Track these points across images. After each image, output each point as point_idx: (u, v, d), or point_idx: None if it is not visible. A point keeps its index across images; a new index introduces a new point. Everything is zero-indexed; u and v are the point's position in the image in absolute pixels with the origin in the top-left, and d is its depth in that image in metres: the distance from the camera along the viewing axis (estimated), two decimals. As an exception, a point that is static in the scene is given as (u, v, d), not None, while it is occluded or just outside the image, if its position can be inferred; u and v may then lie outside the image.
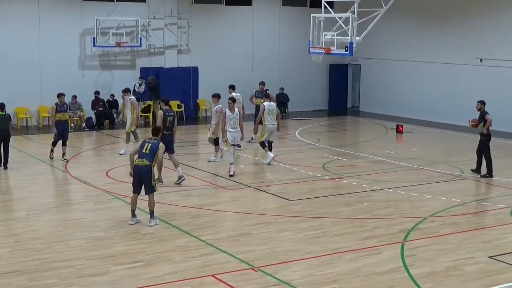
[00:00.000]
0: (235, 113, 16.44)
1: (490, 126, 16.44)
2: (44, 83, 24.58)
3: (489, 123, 16.36)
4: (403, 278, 9.71)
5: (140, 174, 12.00)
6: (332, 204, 13.94)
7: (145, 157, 12.01)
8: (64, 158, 17.96)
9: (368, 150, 20.52)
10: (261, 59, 29.14)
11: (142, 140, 12.54)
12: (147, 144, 12.17)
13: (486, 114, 16.37)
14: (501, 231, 12.15)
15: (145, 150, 12.07)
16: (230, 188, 15.21)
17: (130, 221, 12.21)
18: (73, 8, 25.31)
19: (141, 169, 11.96)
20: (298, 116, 27.89)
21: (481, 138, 16.66)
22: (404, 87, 28.34)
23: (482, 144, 16.63)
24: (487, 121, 16.33)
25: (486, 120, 16.34)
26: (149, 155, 12.03)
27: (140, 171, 11.99)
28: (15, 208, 13.68)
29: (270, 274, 9.72)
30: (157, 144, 12.21)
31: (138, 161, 12.03)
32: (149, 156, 12.02)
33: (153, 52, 27.19)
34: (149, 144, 12.16)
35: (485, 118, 16.35)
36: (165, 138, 14.80)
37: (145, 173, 11.96)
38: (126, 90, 19.42)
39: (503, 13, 24.18)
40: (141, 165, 11.96)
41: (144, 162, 11.96)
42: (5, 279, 9.45)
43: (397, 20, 27.40)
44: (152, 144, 12.17)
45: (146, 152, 12.05)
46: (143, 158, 12.00)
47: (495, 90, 23.68)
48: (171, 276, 9.61)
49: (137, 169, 12.02)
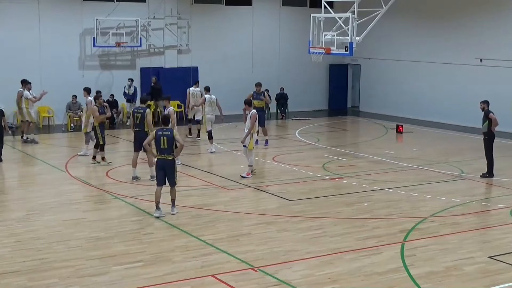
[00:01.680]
0: (250, 114, 16.30)
1: (497, 124, 16.33)
2: (44, 83, 24.52)
3: (495, 122, 16.28)
4: (403, 278, 9.71)
5: (164, 168, 12.58)
6: (332, 204, 13.94)
7: (165, 152, 12.55)
8: (106, 162, 17.69)
9: (368, 150, 20.52)
10: (261, 59, 29.15)
11: (155, 131, 12.79)
12: (162, 138, 12.53)
13: (490, 113, 16.29)
14: (501, 231, 12.15)
15: (163, 145, 12.53)
16: (230, 188, 15.21)
17: (154, 213, 12.63)
18: (73, 8, 25.32)
19: (165, 163, 12.57)
20: (298, 116, 27.90)
21: (485, 138, 16.64)
22: (404, 87, 28.34)
23: (486, 143, 16.60)
24: (492, 120, 16.27)
25: (491, 119, 16.28)
26: (168, 149, 12.56)
27: (163, 165, 12.59)
28: (15, 208, 13.67)
29: (270, 274, 9.72)
30: (171, 134, 12.59)
31: (160, 156, 12.59)
32: (169, 150, 12.56)
33: (153, 52, 27.20)
34: (164, 137, 12.53)
35: (489, 117, 16.28)
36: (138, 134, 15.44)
37: (168, 167, 12.59)
38: (85, 89, 19.29)
39: (503, 13, 24.18)
40: (164, 159, 12.56)
41: (166, 157, 12.55)
42: (5, 279, 9.45)
43: (397, 20, 27.41)
44: (167, 136, 12.54)
45: (165, 147, 12.53)
46: (164, 154, 12.57)
47: (495, 90, 23.67)
48: (171, 276, 9.61)
49: (161, 163, 12.62)
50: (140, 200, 13.97)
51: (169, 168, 12.60)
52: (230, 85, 28.13)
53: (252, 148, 16.21)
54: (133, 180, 15.65)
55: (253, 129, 16.18)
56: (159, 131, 12.70)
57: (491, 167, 16.61)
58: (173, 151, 12.67)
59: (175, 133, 12.74)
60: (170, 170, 12.62)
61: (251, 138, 16.06)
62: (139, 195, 14.37)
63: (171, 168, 12.64)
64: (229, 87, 28.18)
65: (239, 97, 28.21)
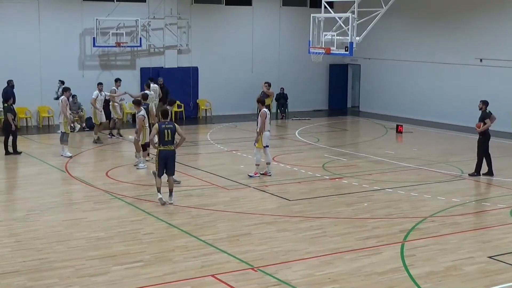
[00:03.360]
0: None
1: (487, 128, 16.43)
2: (44, 83, 24.58)
3: (487, 127, 16.36)
4: (403, 278, 9.71)
5: (166, 158, 13.38)
6: (332, 204, 13.94)
7: (168, 144, 13.36)
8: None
9: (368, 150, 20.52)
10: (261, 59, 29.15)
11: (158, 124, 13.47)
12: (165, 131, 13.29)
13: (488, 118, 16.31)
14: (501, 231, 12.15)
15: (167, 137, 13.30)
16: (230, 188, 15.21)
17: (159, 195, 13.46)
18: (73, 8, 25.31)
19: (167, 153, 13.39)
20: (298, 116, 27.89)
21: (480, 137, 16.67)
22: (404, 87, 28.35)
23: (480, 143, 16.63)
24: (486, 124, 16.34)
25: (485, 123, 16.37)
26: (171, 141, 13.41)
27: (166, 156, 13.37)
28: (15, 208, 13.68)
29: (270, 274, 9.72)
30: (173, 128, 13.39)
31: (162, 148, 13.34)
32: (171, 142, 13.42)
33: (153, 52, 27.20)
34: (168, 130, 13.31)
35: (485, 122, 16.35)
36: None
37: (170, 157, 13.44)
38: (65, 88, 19.58)
39: (503, 13, 24.18)
40: (167, 150, 13.36)
41: (169, 148, 13.38)
42: (5, 279, 9.45)
43: (397, 20, 27.41)
44: (170, 129, 13.34)
45: (169, 139, 13.34)
46: (167, 145, 13.35)
47: (495, 90, 23.67)
48: (171, 276, 9.61)
49: (163, 154, 13.37)
50: (140, 200, 13.97)
51: (170, 158, 13.44)
52: (230, 85, 28.17)
53: (261, 146, 16.15)
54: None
55: (263, 127, 16.03)
56: (162, 124, 13.42)
57: (480, 167, 16.68)
58: (175, 142, 13.57)
59: (177, 127, 13.54)
60: (171, 160, 13.48)
61: (261, 136, 16.00)
62: (139, 195, 14.37)
63: (173, 159, 13.50)
64: (229, 87, 28.22)
65: (239, 97, 28.47)
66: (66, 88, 19.54)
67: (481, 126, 16.45)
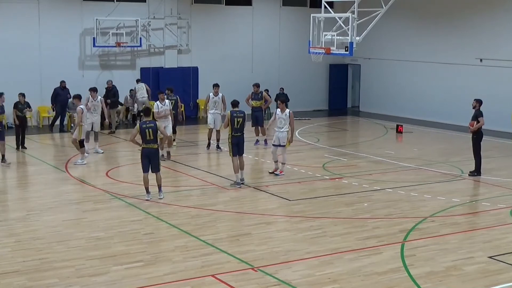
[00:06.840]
0: (284, 113, 16.32)
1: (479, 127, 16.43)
2: (44, 83, 24.58)
3: (480, 125, 16.35)
4: (403, 278, 9.71)
5: (149, 156, 13.65)
6: (332, 204, 13.94)
7: (151, 142, 13.59)
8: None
9: (368, 150, 20.52)
10: (261, 59, 29.15)
11: (139, 124, 13.72)
12: (147, 130, 13.49)
13: (481, 117, 16.33)
14: (501, 231, 12.14)
15: (149, 136, 13.52)
16: (230, 188, 15.21)
17: (146, 197, 13.81)
18: (73, 8, 25.32)
19: (150, 151, 13.65)
20: (298, 116, 27.86)
21: (473, 136, 16.69)
22: (404, 87, 28.34)
23: (474, 141, 16.65)
24: (480, 123, 16.34)
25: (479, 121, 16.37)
26: (154, 139, 13.62)
27: (148, 153, 13.65)
28: (15, 208, 13.67)
29: (270, 274, 9.72)
30: (155, 126, 13.66)
31: (145, 146, 13.61)
32: (154, 141, 13.64)
33: (153, 52, 27.20)
34: (149, 129, 13.50)
35: (479, 120, 16.34)
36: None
37: (153, 155, 13.70)
38: (76, 96, 18.34)
39: (503, 13, 24.17)
40: (149, 148, 13.61)
41: (152, 146, 13.62)
42: (5, 279, 9.45)
43: (397, 20, 27.41)
44: (151, 128, 13.54)
45: (151, 138, 13.55)
46: (149, 144, 13.59)
47: (495, 90, 23.68)
48: (171, 276, 9.61)
49: (146, 152, 13.65)
50: (140, 200, 13.97)
51: (153, 156, 13.71)
52: (230, 85, 28.12)
53: (289, 146, 16.43)
54: (236, 186, 15.28)
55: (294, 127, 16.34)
56: (143, 124, 13.62)
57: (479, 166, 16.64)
58: (158, 140, 13.82)
59: (158, 125, 13.93)
60: (155, 158, 13.74)
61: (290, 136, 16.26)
62: (139, 195, 14.37)
63: (156, 156, 13.78)
64: (229, 87, 28.16)
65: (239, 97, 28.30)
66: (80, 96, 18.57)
67: (474, 125, 16.44)
